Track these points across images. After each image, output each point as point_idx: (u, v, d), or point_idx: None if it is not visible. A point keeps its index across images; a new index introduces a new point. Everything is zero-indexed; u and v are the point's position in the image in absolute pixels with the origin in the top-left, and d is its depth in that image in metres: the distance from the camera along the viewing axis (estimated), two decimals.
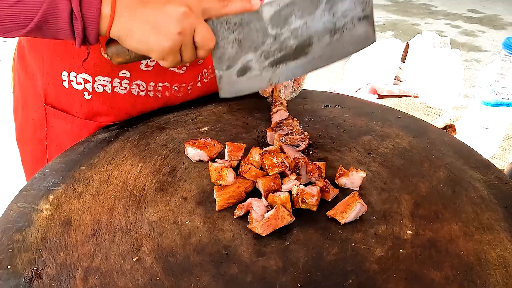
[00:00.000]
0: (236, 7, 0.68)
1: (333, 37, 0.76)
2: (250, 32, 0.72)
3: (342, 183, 0.69)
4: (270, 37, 0.73)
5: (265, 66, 0.75)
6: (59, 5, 0.58)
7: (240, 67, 0.74)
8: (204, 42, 0.67)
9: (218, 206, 0.64)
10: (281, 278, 0.54)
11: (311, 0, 0.72)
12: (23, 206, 0.64)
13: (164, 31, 0.63)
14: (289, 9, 0.72)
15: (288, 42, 0.74)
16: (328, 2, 0.73)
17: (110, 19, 0.61)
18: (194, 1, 0.64)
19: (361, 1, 0.75)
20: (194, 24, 0.64)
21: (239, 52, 0.73)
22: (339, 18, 0.74)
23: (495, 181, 0.72)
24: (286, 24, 0.73)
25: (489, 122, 1.14)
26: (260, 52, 0.74)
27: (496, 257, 0.58)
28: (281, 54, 0.75)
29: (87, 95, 0.83)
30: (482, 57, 4.11)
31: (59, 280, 0.53)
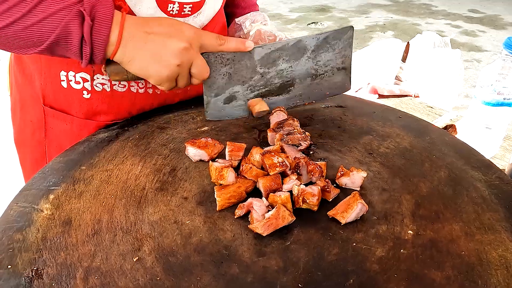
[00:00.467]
0: (231, 46, 0.76)
1: (314, 80, 0.87)
2: (240, 68, 0.80)
3: (343, 183, 0.69)
4: (257, 74, 0.82)
5: (250, 98, 0.84)
6: (72, 30, 0.63)
7: (227, 96, 0.82)
8: (200, 74, 0.74)
9: (219, 206, 0.64)
10: (281, 278, 0.54)
11: (299, 49, 0.82)
12: (23, 206, 0.64)
13: (164, 62, 0.69)
14: (278, 53, 0.81)
15: (273, 80, 0.84)
16: (313, 52, 0.83)
17: (116, 46, 0.66)
18: (195, 37, 0.71)
19: (342, 55, 0.86)
20: (192, 58, 0.71)
21: (228, 84, 0.81)
22: (321, 66, 0.86)
23: (496, 181, 0.72)
24: (273, 66, 0.82)
25: (490, 122, 1.13)
26: (247, 85, 0.83)
27: (498, 257, 0.58)
28: (266, 89, 0.84)
29: (86, 94, 0.83)
30: (482, 57, 4.11)
31: (60, 280, 0.53)
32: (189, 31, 0.71)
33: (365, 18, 5.19)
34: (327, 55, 0.85)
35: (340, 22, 5.04)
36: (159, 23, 0.70)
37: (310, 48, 0.83)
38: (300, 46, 0.82)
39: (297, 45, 0.82)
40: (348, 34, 0.85)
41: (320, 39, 0.83)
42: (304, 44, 0.82)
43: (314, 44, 0.83)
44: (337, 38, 0.84)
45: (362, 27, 4.91)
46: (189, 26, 0.72)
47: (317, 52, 0.84)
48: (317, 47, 0.83)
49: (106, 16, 0.64)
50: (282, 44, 0.81)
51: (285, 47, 0.81)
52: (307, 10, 5.39)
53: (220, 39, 0.74)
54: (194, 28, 0.72)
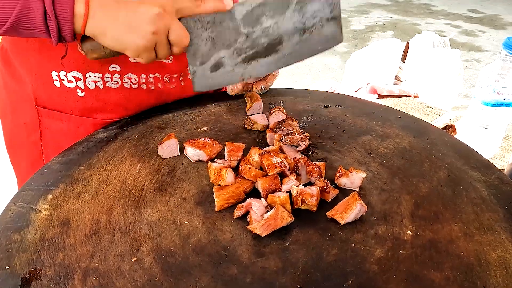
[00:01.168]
0: (209, 7, 0.71)
1: (302, 36, 0.79)
2: (223, 31, 0.75)
3: (342, 184, 0.69)
4: (242, 36, 0.76)
5: (238, 63, 0.78)
6: (32, 5, 0.60)
7: (213, 63, 0.77)
8: (179, 40, 0.69)
9: (218, 207, 0.64)
10: (280, 278, 0.54)
11: (282, 1, 0.75)
12: (21, 206, 0.64)
13: (139, 31, 0.65)
14: (260, 9, 0.75)
15: (260, 40, 0.78)
16: (298, 3, 0.76)
17: (84, 18, 0.62)
18: (168, 1, 0.66)
19: (330, 3, 0.78)
20: (168, 24, 0.67)
21: (212, 49, 0.76)
22: (308, 19, 0.78)
23: (496, 182, 0.72)
24: (257, 24, 0.76)
25: (489, 122, 1.13)
26: (233, 49, 0.77)
27: (497, 258, 0.58)
28: (253, 51, 0.78)
29: (80, 92, 0.82)
30: (482, 57, 4.11)
31: (58, 281, 0.53)
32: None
33: (365, 18, 5.19)
34: (314, 5, 0.78)
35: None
36: None
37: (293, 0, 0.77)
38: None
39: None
40: None
41: None
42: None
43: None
44: None
45: (361, 27, 4.91)
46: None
47: (302, 3, 0.77)
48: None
49: None
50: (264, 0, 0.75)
51: (267, 1, 0.75)
52: None
53: (196, 0, 0.70)
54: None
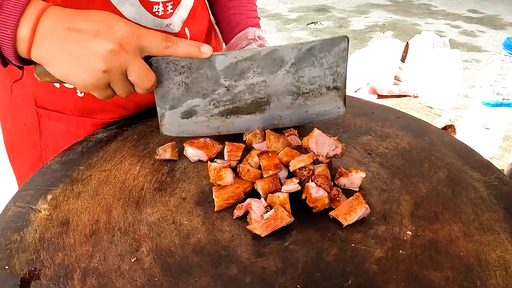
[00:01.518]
0: (181, 51, 0.62)
1: (296, 100, 0.71)
2: (200, 78, 0.67)
3: (341, 184, 0.69)
4: (222, 87, 0.68)
5: (214, 114, 0.71)
6: None
7: (186, 109, 0.70)
8: (139, 82, 0.62)
9: (217, 207, 0.64)
10: (280, 279, 0.54)
11: (274, 60, 0.67)
12: (21, 206, 0.64)
13: (87, 67, 0.57)
14: (247, 64, 0.67)
15: (243, 96, 0.69)
16: (294, 65, 0.67)
17: (28, 44, 0.56)
18: (130, 37, 0.58)
19: (333, 71, 0.69)
20: (125, 63, 0.59)
21: (186, 96, 0.68)
22: (305, 84, 0.70)
23: (495, 182, 0.72)
24: (242, 78, 0.68)
25: (489, 122, 1.14)
26: (209, 99, 0.69)
27: (497, 258, 0.58)
28: (233, 106, 0.70)
29: (79, 92, 0.82)
30: (482, 57, 4.12)
31: (57, 281, 0.53)
32: (122, 29, 0.58)
33: (365, 18, 5.20)
34: (313, 70, 0.68)
35: (340, 22, 5.04)
36: (87, 18, 0.57)
37: (289, 60, 0.67)
38: (276, 57, 0.66)
39: (271, 55, 0.66)
40: (341, 46, 0.67)
41: (302, 50, 0.66)
42: (280, 54, 0.66)
43: (295, 56, 0.67)
44: (325, 51, 0.67)
45: (361, 27, 4.91)
46: (125, 24, 0.59)
47: (298, 66, 0.67)
48: (299, 59, 0.67)
49: (14, 6, 0.54)
50: (252, 53, 0.66)
51: (255, 57, 0.66)
52: (307, 10, 5.39)
53: (166, 41, 0.61)
54: (132, 27, 0.59)
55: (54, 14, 0.56)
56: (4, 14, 0.54)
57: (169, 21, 0.81)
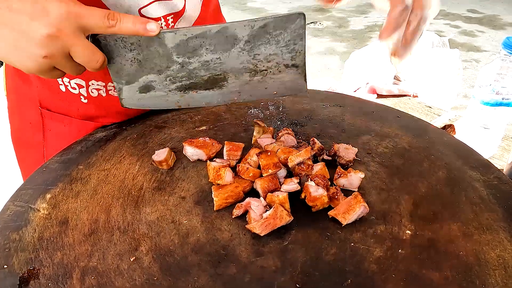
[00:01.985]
0: (126, 29, 0.59)
1: (254, 77, 0.68)
2: (151, 55, 0.64)
3: (340, 184, 0.69)
4: (176, 64, 0.65)
5: (172, 89, 0.68)
6: None
7: (142, 85, 0.68)
8: (86, 62, 0.59)
9: (216, 206, 0.63)
10: (279, 278, 0.54)
11: (226, 38, 0.64)
12: (20, 205, 0.64)
13: (26, 53, 0.54)
14: (198, 41, 0.64)
15: (199, 72, 0.67)
16: (248, 43, 0.65)
17: None
18: (68, 18, 0.54)
19: (290, 49, 0.66)
20: (66, 46, 0.55)
21: (140, 72, 0.66)
22: (261, 61, 0.67)
23: (495, 181, 0.72)
24: (195, 55, 0.65)
25: (488, 122, 1.13)
26: (165, 75, 0.67)
27: (496, 258, 0.58)
28: (190, 82, 0.67)
29: (83, 99, 0.82)
30: (481, 57, 4.12)
31: (56, 280, 0.53)
32: (57, 10, 0.53)
33: (364, 18, 5.20)
34: (269, 48, 0.65)
35: (339, 22, 5.04)
36: None
37: (242, 38, 0.64)
38: (228, 34, 0.64)
39: (223, 32, 0.63)
40: (297, 23, 0.64)
41: (255, 27, 0.63)
42: (233, 32, 0.64)
43: (248, 34, 0.64)
44: (280, 28, 0.64)
45: (361, 27, 4.91)
46: (61, 3, 0.54)
47: (253, 44, 0.65)
48: (252, 37, 0.64)
49: None
50: (202, 31, 0.63)
51: (206, 34, 0.63)
52: (306, 10, 5.39)
53: (109, 19, 0.57)
54: (69, 6, 0.54)
55: None
56: None
57: None
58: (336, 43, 4.46)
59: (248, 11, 5.55)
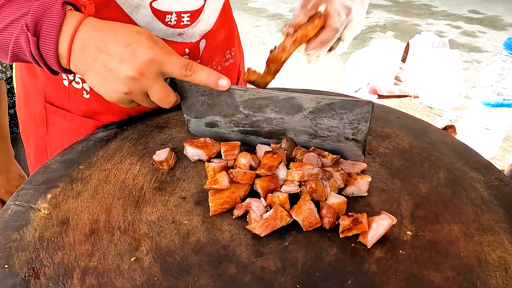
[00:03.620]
0: (200, 80, 0.65)
1: (312, 139, 0.71)
2: (220, 103, 0.69)
3: (349, 193, 0.67)
4: (241, 114, 0.70)
5: (234, 131, 0.74)
6: (21, 45, 0.61)
7: (209, 121, 0.73)
8: (161, 102, 0.66)
9: (212, 211, 0.63)
10: (279, 278, 0.54)
11: (292, 105, 0.66)
12: (20, 205, 0.64)
13: (112, 87, 0.63)
14: (264, 102, 0.67)
15: (261, 125, 0.71)
16: (312, 113, 0.66)
17: (66, 59, 0.62)
18: (151, 65, 0.61)
19: (353, 127, 0.67)
20: (145, 87, 0.63)
21: (208, 112, 0.71)
22: (323, 130, 0.69)
23: (496, 182, 0.72)
24: (260, 112, 0.69)
25: (489, 122, 1.13)
26: (230, 119, 0.72)
27: (497, 259, 0.57)
28: (252, 129, 0.72)
29: (85, 94, 0.83)
30: (482, 58, 4.11)
31: (57, 280, 0.53)
32: (144, 57, 0.61)
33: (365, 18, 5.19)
34: (332, 121, 0.67)
35: None
36: (116, 39, 0.61)
37: (307, 108, 0.66)
38: (294, 103, 0.66)
39: (289, 101, 0.66)
40: (364, 109, 0.65)
41: (322, 103, 0.65)
42: (298, 102, 0.66)
43: (313, 107, 0.66)
44: (346, 109, 0.65)
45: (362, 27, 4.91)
46: (148, 50, 0.61)
47: (317, 115, 0.67)
48: (317, 110, 0.66)
49: (51, 28, 0.60)
50: (270, 95, 0.66)
51: (273, 99, 0.66)
52: None
53: (186, 69, 0.63)
54: (155, 53, 0.61)
55: (88, 31, 0.61)
56: (44, 39, 0.60)
57: (181, 31, 0.82)
58: None
59: (249, 11, 5.55)
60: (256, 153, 0.73)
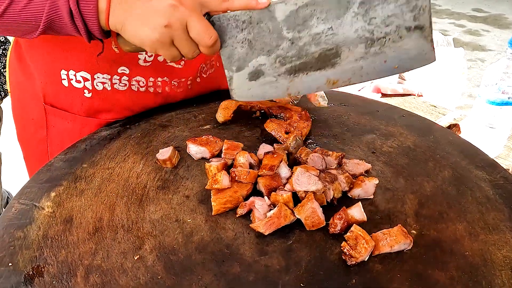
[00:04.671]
0: (239, 3, 0.63)
1: (370, 48, 0.61)
2: (262, 33, 0.63)
3: (356, 195, 0.66)
4: (286, 41, 0.63)
5: (281, 73, 0.65)
6: (58, 4, 0.60)
7: (252, 70, 0.66)
8: (201, 38, 0.62)
9: (214, 211, 0.63)
10: (283, 277, 0.54)
11: (339, 2, 0.59)
12: (24, 203, 0.64)
13: (151, 24, 0.61)
14: (308, 10, 0.60)
15: (309, 49, 0.63)
16: (363, 4, 0.58)
17: (106, 14, 0.62)
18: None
19: (413, 6, 0.58)
20: (184, 18, 0.61)
21: (250, 54, 0.65)
22: (379, 26, 0.60)
23: (501, 181, 0.71)
24: (305, 28, 0.61)
25: (494, 121, 1.13)
26: (275, 56, 0.64)
27: (502, 258, 0.57)
28: (300, 61, 0.64)
29: (87, 93, 0.83)
30: (486, 57, 4.09)
31: (60, 278, 0.53)
32: None
33: None
34: (386, 8, 0.58)
35: None
36: None
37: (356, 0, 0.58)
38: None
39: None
40: None
41: None
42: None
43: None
44: None
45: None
46: None
47: (368, 5, 0.58)
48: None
49: None
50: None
51: (318, 1, 0.59)
52: None
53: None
54: None
55: None
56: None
57: None
58: None
59: None
60: (256, 152, 0.73)
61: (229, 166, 0.70)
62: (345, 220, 0.60)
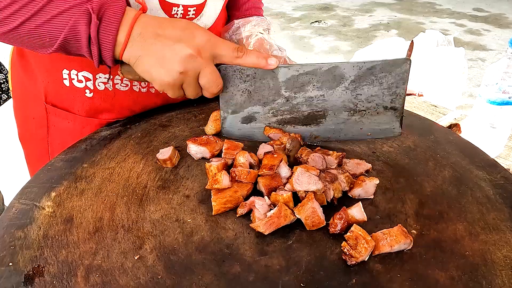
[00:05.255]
0: (249, 61, 0.69)
1: (352, 116, 0.74)
2: (262, 87, 0.72)
3: (356, 195, 0.66)
4: (282, 98, 0.73)
5: (272, 122, 0.75)
6: (79, 29, 0.61)
7: (246, 115, 0.75)
8: (209, 86, 0.68)
9: (214, 211, 0.63)
10: (284, 277, 0.54)
11: (334, 76, 0.70)
12: (25, 203, 0.64)
13: (167, 67, 0.65)
14: (307, 77, 0.71)
15: (301, 108, 0.73)
16: (353, 82, 0.71)
17: (123, 46, 0.64)
18: (207, 45, 0.66)
19: (392, 92, 0.72)
20: (199, 67, 0.66)
21: (247, 102, 0.73)
22: (362, 101, 0.73)
23: (501, 181, 0.71)
24: (301, 91, 0.72)
25: (495, 121, 1.13)
26: (269, 108, 0.74)
27: (502, 258, 0.57)
28: (291, 116, 0.74)
29: (88, 93, 0.83)
30: (487, 56, 4.09)
31: (61, 278, 0.53)
32: (201, 37, 0.66)
33: (369, 17, 5.17)
34: (372, 89, 0.71)
35: (344, 20, 5.02)
36: (173, 26, 0.66)
37: (349, 77, 0.70)
38: (336, 73, 0.70)
39: (332, 71, 0.70)
40: (403, 68, 0.70)
41: (363, 68, 0.70)
42: (341, 71, 0.70)
43: (355, 74, 0.70)
44: (386, 71, 0.70)
45: (365, 26, 4.89)
46: (204, 33, 0.66)
47: (358, 84, 0.71)
48: (358, 77, 0.70)
49: (115, 15, 0.62)
50: (314, 68, 0.70)
51: (317, 72, 0.70)
52: (311, 9, 5.38)
53: (238, 51, 0.68)
54: (210, 36, 0.67)
55: (145, 22, 0.65)
56: (106, 23, 0.62)
57: None
58: (341, 42, 4.44)
59: None
60: (256, 152, 0.73)
61: (229, 166, 0.70)
62: (345, 220, 0.60)
